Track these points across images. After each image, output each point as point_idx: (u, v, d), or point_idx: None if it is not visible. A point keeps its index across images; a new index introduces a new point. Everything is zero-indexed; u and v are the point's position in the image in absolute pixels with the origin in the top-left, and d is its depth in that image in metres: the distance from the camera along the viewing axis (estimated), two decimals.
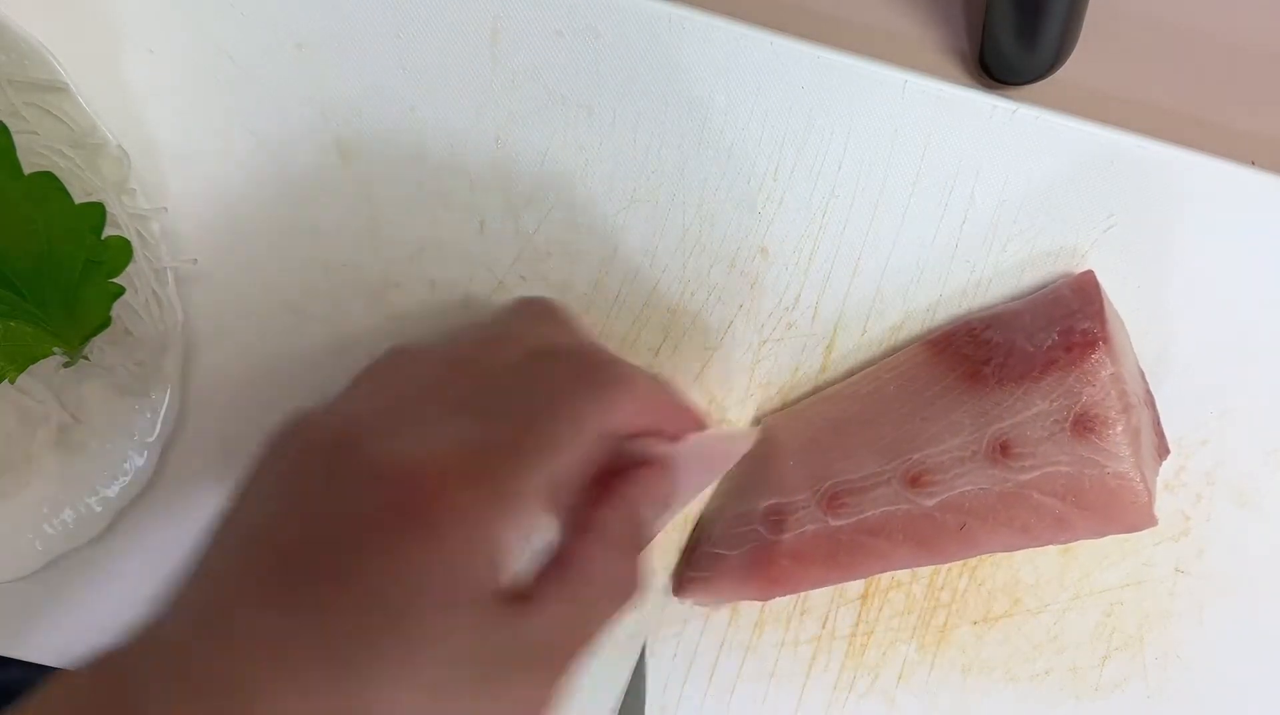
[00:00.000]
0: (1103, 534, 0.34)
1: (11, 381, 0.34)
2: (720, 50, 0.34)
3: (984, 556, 0.37)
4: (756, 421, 0.37)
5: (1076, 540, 0.35)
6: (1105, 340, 0.33)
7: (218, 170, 0.35)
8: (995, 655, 0.38)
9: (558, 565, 0.26)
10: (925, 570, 0.38)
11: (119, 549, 0.37)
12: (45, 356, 0.34)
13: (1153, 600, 0.38)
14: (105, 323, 0.34)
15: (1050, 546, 0.37)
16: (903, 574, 0.38)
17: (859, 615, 0.38)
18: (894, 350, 0.37)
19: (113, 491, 0.35)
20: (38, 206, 0.32)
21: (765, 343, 0.37)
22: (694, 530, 0.38)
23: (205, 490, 0.37)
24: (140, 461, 0.35)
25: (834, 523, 0.35)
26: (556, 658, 0.25)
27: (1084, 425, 0.33)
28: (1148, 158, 0.35)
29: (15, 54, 0.32)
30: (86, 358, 0.34)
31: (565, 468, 0.26)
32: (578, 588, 0.26)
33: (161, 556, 0.37)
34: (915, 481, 0.34)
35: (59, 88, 0.32)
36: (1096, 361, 0.32)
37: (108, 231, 0.33)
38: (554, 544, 0.26)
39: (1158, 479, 0.37)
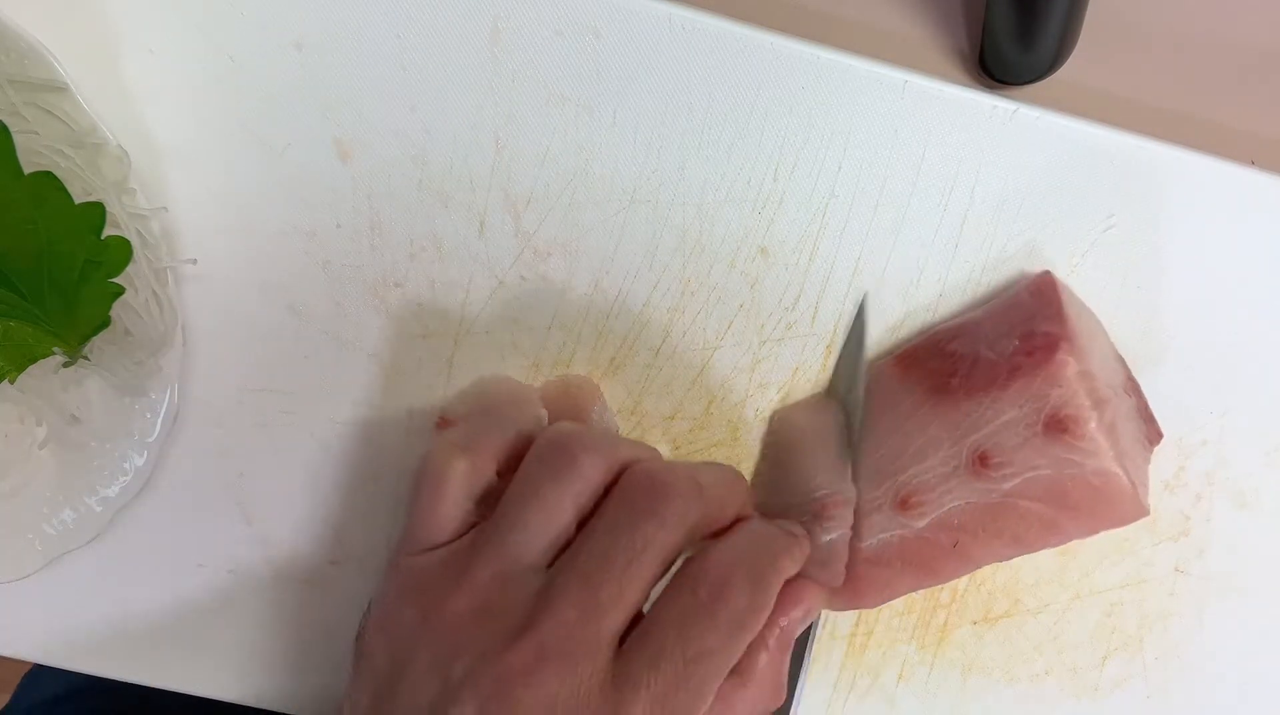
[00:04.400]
0: (1094, 531, 0.34)
1: (11, 381, 0.34)
2: (720, 50, 0.34)
3: None
4: (769, 418, 0.37)
5: (1070, 541, 0.34)
6: (1068, 339, 0.32)
7: (218, 170, 0.35)
8: (995, 655, 0.38)
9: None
10: None
11: (119, 549, 0.37)
12: (45, 356, 0.34)
13: (1153, 600, 0.38)
14: (105, 323, 0.34)
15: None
16: None
17: (859, 615, 0.38)
18: (894, 349, 0.37)
19: (113, 491, 0.35)
20: (38, 206, 0.32)
21: (765, 343, 0.37)
22: None
23: (205, 490, 0.37)
24: (140, 461, 0.35)
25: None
26: None
27: (1057, 426, 0.32)
28: (1148, 158, 0.35)
29: (15, 54, 0.32)
30: (86, 358, 0.34)
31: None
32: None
33: (161, 556, 0.37)
34: (905, 504, 0.34)
35: (59, 88, 0.32)
36: (1060, 362, 0.32)
37: (108, 231, 0.33)
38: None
39: (1158, 478, 0.37)
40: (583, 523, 0.30)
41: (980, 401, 0.33)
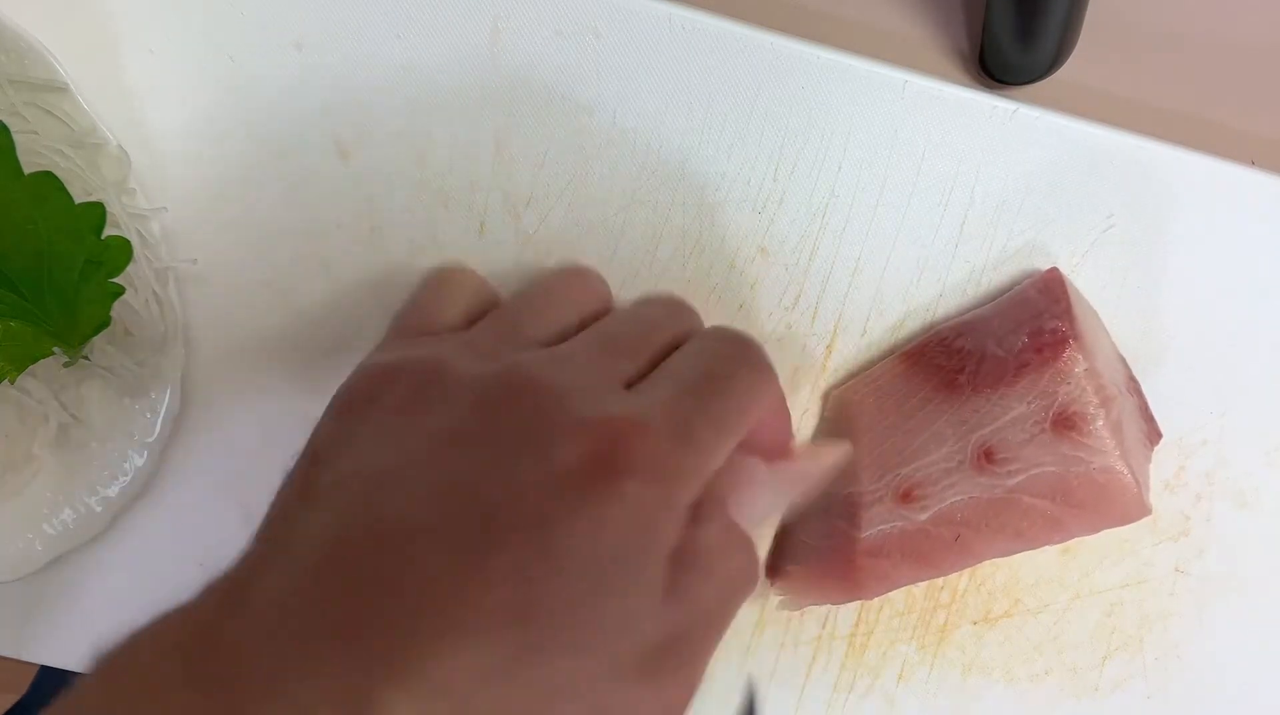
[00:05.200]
0: (1097, 529, 0.34)
1: (11, 381, 0.34)
2: (720, 50, 0.34)
3: None
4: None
5: (1072, 539, 0.35)
6: (1076, 337, 0.32)
7: (218, 170, 0.35)
8: (995, 655, 0.38)
9: (690, 555, 0.24)
10: None
11: (119, 549, 0.37)
12: (45, 356, 0.34)
13: (1153, 600, 0.38)
14: (105, 323, 0.34)
15: (1049, 546, 0.37)
16: None
17: (859, 615, 0.38)
18: (894, 350, 0.37)
19: (113, 491, 0.35)
20: (38, 206, 0.32)
21: (765, 343, 0.37)
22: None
23: (205, 490, 0.37)
24: (140, 461, 0.35)
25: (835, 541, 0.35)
26: (700, 654, 0.24)
27: (1064, 424, 0.32)
28: (1148, 158, 0.35)
29: (15, 54, 0.32)
30: (86, 358, 0.34)
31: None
32: (716, 580, 0.25)
33: (161, 556, 0.37)
34: (906, 497, 0.34)
35: (59, 88, 0.32)
36: (1069, 359, 0.32)
37: (108, 231, 0.33)
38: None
39: (1159, 478, 0.37)
40: None
41: (988, 397, 0.33)
